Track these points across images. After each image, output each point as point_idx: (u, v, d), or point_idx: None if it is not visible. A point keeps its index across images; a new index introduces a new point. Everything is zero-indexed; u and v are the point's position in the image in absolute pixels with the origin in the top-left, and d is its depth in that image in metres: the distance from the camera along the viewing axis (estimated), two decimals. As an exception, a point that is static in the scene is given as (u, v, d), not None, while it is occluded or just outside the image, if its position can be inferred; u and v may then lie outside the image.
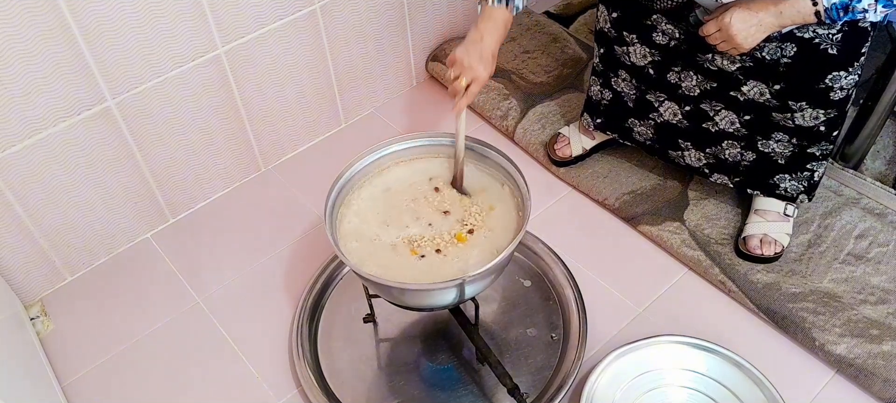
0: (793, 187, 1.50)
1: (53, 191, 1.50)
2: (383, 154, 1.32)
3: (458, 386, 1.37)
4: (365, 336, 1.46)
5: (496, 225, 1.24)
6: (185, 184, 1.72)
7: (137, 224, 1.69)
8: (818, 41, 1.26)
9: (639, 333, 1.42)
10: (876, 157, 1.74)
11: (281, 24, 1.65)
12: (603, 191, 1.69)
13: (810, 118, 1.37)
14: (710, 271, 1.52)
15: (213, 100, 1.64)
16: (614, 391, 1.33)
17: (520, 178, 1.24)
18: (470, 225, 1.23)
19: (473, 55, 1.26)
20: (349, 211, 1.28)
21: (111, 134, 1.52)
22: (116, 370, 1.47)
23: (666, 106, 1.53)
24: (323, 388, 1.37)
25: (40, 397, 1.32)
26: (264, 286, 1.59)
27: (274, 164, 1.87)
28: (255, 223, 1.73)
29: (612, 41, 1.53)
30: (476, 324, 1.31)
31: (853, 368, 1.35)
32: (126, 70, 1.46)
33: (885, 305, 1.43)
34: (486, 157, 1.31)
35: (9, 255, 1.51)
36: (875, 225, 1.57)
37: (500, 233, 1.22)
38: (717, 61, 1.37)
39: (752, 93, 1.38)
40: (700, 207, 1.63)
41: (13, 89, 1.34)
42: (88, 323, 1.55)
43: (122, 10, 1.39)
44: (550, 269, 1.53)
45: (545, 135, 1.83)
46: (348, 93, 1.92)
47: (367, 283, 1.24)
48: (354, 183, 1.30)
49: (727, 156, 1.52)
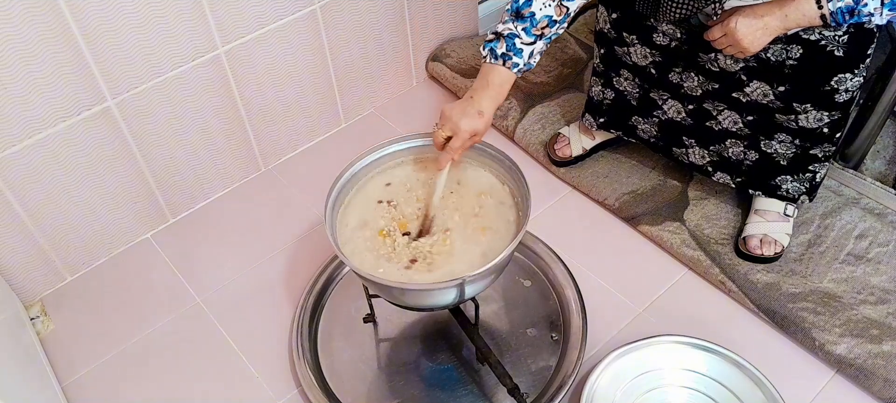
0: (794, 188, 1.50)
1: (53, 191, 1.50)
2: (383, 154, 1.32)
3: (458, 386, 1.37)
4: (365, 337, 1.46)
5: (496, 225, 1.24)
6: (185, 184, 1.72)
7: (137, 224, 1.69)
8: (824, 43, 1.26)
9: (639, 333, 1.42)
10: (876, 157, 1.74)
11: (281, 24, 1.65)
12: (603, 191, 1.69)
13: (814, 120, 1.37)
14: (710, 271, 1.52)
15: (213, 100, 1.64)
16: (614, 391, 1.33)
17: (520, 178, 1.24)
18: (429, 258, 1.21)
19: (457, 109, 1.22)
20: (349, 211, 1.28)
21: (111, 134, 1.52)
22: (116, 370, 1.47)
23: (669, 104, 1.53)
24: (323, 388, 1.37)
25: (40, 397, 1.32)
26: (264, 286, 1.59)
27: (274, 164, 1.87)
28: (255, 223, 1.73)
29: (612, 42, 1.53)
30: (476, 324, 1.31)
31: (853, 368, 1.35)
32: (126, 70, 1.46)
33: (885, 305, 1.43)
34: (486, 157, 1.31)
35: (9, 255, 1.51)
36: (875, 225, 1.57)
37: (500, 233, 1.22)
38: (720, 61, 1.37)
39: (756, 93, 1.38)
40: (700, 207, 1.63)
41: (13, 89, 1.34)
42: (88, 323, 1.55)
43: (122, 11, 1.39)
44: (550, 269, 1.53)
45: (545, 135, 1.83)
46: (348, 93, 1.92)
47: (367, 283, 1.24)
48: (354, 183, 1.30)
49: (731, 154, 1.52)
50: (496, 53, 1.22)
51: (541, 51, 1.23)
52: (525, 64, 1.22)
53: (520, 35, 1.21)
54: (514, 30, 1.21)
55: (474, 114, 1.22)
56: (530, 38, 1.21)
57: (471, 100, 1.23)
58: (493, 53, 1.22)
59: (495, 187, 1.30)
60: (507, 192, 1.28)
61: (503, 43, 1.21)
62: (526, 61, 1.22)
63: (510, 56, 1.21)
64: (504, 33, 1.21)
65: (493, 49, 1.22)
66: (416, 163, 1.34)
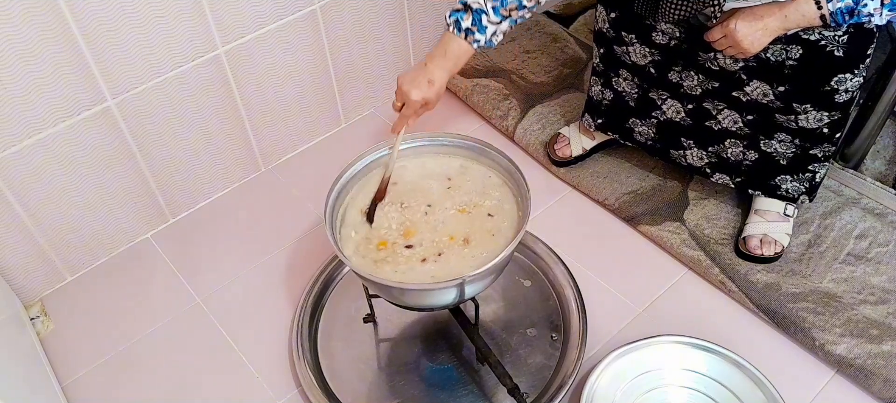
0: (794, 188, 1.50)
1: (53, 191, 1.50)
2: (383, 154, 1.32)
3: (458, 386, 1.37)
4: (365, 337, 1.46)
5: (496, 224, 1.24)
6: (185, 184, 1.72)
7: (137, 224, 1.69)
8: (824, 43, 1.26)
9: (639, 333, 1.42)
10: (876, 157, 1.74)
11: (281, 23, 1.65)
12: (603, 191, 1.69)
13: (814, 120, 1.37)
14: (710, 271, 1.52)
15: (213, 100, 1.64)
16: (614, 391, 1.33)
17: (520, 178, 1.24)
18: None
19: (408, 77, 1.25)
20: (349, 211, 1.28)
21: (111, 134, 1.52)
22: (116, 370, 1.47)
23: (669, 104, 1.53)
24: (323, 388, 1.37)
25: (40, 397, 1.32)
26: (264, 286, 1.59)
27: (274, 164, 1.87)
28: (255, 223, 1.73)
29: (611, 41, 1.53)
30: (476, 324, 1.31)
31: (853, 368, 1.35)
32: (126, 70, 1.46)
33: (885, 305, 1.43)
34: (486, 157, 1.31)
35: (9, 255, 1.51)
36: (875, 225, 1.57)
37: (500, 233, 1.22)
38: (720, 60, 1.37)
39: (756, 93, 1.38)
40: (700, 207, 1.63)
41: (13, 89, 1.34)
42: (88, 323, 1.55)
43: (122, 10, 1.39)
44: (550, 269, 1.53)
45: (545, 135, 1.83)
46: (348, 93, 1.92)
47: (367, 283, 1.24)
48: (354, 183, 1.30)
49: (730, 155, 1.52)
50: (461, 26, 1.22)
51: (504, 31, 1.24)
52: (487, 42, 1.23)
53: (488, 12, 1.21)
54: (483, 5, 1.21)
55: (424, 83, 1.24)
56: (498, 17, 1.21)
57: (424, 68, 1.24)
58: (457, 25, 1.22)
59: (495, 187, 1.30)
60: (507, 192, 1.28)
61: (470, 17, 1.21)
62: (487, 39, 1.23)
63: (473, 31, 1.21)
64: (473, 6, 1.21)
65: (458, 20, 1.22)
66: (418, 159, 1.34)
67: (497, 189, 1.29)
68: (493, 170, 1.31)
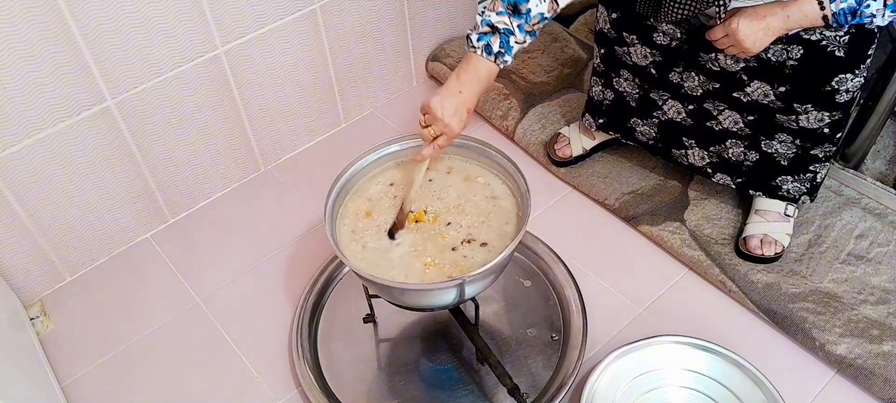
0: (795, 188, 1.50)
1: (53, 191, 1.50)
2: (383, 154, 1.32)
3: (458, 386, 1.37)
4: (365, 337, 1.46)
5: (496, 225, 1.24)
6: (185, 184, 1.72)
7: (137, 224, 1.69)
8: (825, 43, 1.26)
9: (639, 333, 1.42)
10: (876, 157, 1.74)
11: (281, 23, 1.65)
12: (603, 191, 1.69)
13: (815, 120, 1.37)
14: (710, 271, 1.52)
15: (213, 100, 1.64)
16: (614, 391, 1.33)
17: (520, 178, 1.24)
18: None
19: (448, 108, 1.19)
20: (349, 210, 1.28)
21: (111, 134, 1.52)
22: (116, 370, 1.47)
23: (670, 104, 1.53)
24: (323, 388, 1.37)
25: (40, 397, 1.32)
26: (264, 286, 1.59)
27: (274, 164, 1.87)
28: (255, 223, 1.73)
29: (612, 42, 1.53)
30: (476, 324, 1.31)
31: (853, 368, 1.35)
32: (126, 70, 1.46)
33: (886, 305, 1.43)
34: (486, 157, 1.31)
35: (9, 255, 1.51)
36: (875, 225, 1.57)
37: (500, 233, 1.22)
38: (721, 60, 1.37)
39: (756, 93, 1.38)
40: (700, 207, 1.63)
41: (13, 89, 1.34)
42: (88, 323, 1.55)
43: (122, 10, 1.39)
44: (550, 269, 1.53)
45: (545, 135, 1.83)
46: (348, 93, 1.92)
47: (367, 283, 1.24)
48: (354, 183, 1.30)
49: (731, 155, 1.52)
50: (491, 50, 1.18)
51: (523, 48, 1.22)
52: (511, 61, 1.21)
53: (515, 33, 1.18)
54: (509, 25, 1.17)
55: (465, 113, 1.20)
56: (523, 35, 1.18)
57: (461, 96, 1.19)
58: (487, 49, 1.18)
59: (495, 187, 1.30)
60: (507, 192, 1.28)
61: (498, 39, 1.18)
62: (512, 59, 1.20)
63: (502, 53, 1.18)
64: (500, 28, 1.17)
65: (488, 45, 1.18)
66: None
67: (497, 188, 1.29)
68: (493, 170, 1.31)
